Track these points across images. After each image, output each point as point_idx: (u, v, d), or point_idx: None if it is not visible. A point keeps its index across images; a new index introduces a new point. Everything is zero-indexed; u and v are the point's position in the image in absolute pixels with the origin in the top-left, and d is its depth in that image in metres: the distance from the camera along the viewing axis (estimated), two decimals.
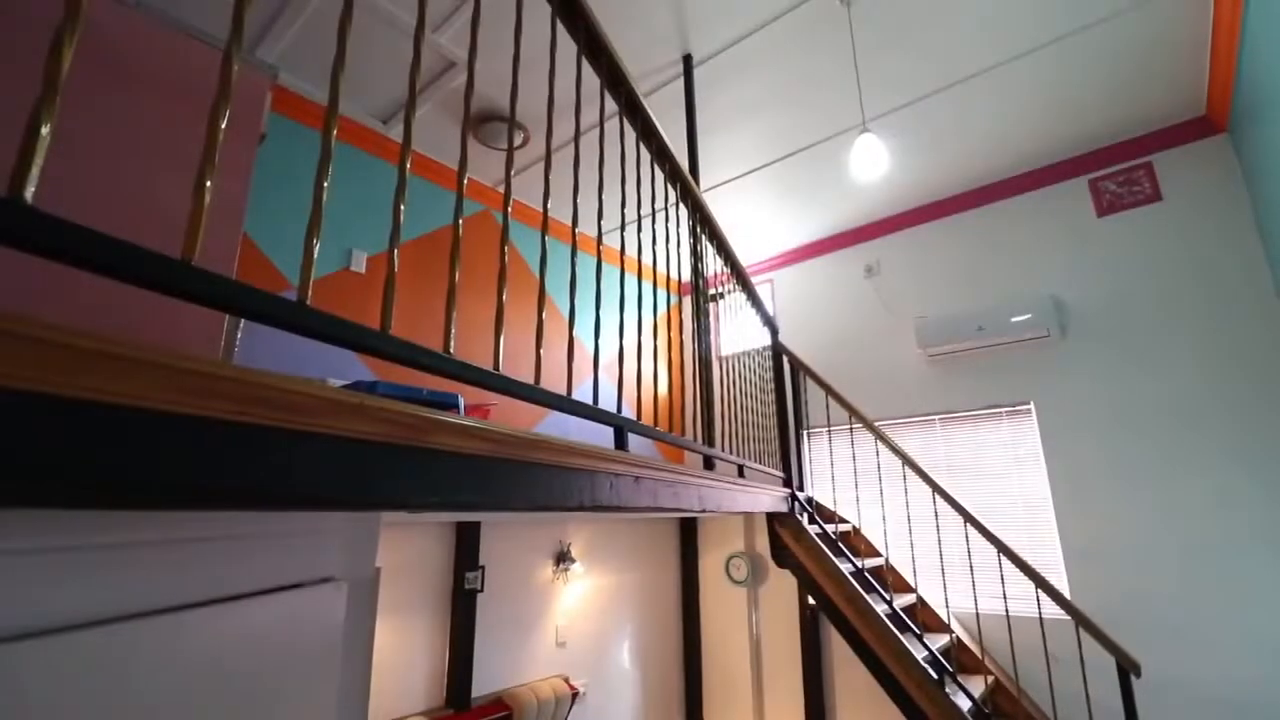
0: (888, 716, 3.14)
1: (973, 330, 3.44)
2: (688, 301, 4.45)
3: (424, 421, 0.78)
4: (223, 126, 0.65)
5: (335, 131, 0.77)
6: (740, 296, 3.09)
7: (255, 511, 0.82)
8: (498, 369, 1.01)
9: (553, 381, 1.16)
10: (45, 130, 0.51)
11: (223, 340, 1.17)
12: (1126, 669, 2.28)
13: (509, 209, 1.14)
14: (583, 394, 1.32)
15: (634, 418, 1.54)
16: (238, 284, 0.61)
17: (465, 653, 2.97)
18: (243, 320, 1.30)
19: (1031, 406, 3.33)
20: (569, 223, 3.43)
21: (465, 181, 1.00)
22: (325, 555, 1.02)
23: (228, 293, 0.61)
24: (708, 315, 2.47)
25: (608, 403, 1.50)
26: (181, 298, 0.58)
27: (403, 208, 0.85)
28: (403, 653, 2.79)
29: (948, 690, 2.50)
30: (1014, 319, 3.34)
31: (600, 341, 1.54)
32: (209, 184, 0.62)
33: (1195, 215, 3.05)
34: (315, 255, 0.71)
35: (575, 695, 3.30)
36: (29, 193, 0.49)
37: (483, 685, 3.04)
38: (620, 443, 1.48)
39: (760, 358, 3.38)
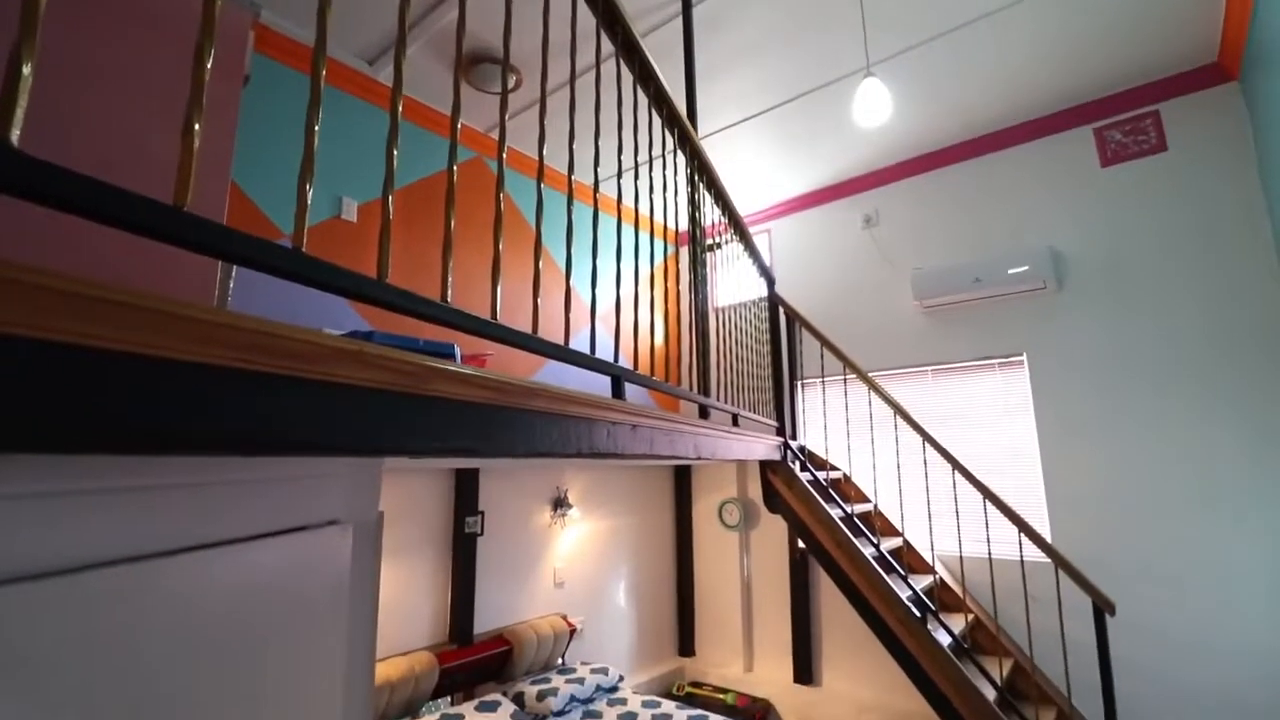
0: (872, 653, 3.30)
1: (969, 282, 3.43)
2: (685, 252, 4.41)
3: (423, 369, 0.79)
4: (208, 66, 0.63)
5: (324, 70, 0.75)
6: (738, 247, 3.07)
7: (257, 457, 0.84)
8: (495, 318, 1.02)
9: (549, 332, 1.16)
10: (26, 70, 0.49)
11: (216, 291, 1.16)
12: (1102, 608, 2.38)
13: (504, 155, 1.12)
14: (580, 344, 1.33)
15: (631, 368, 1.56)
16: (231, 230, 0.61)
17: (467, 592, 3.07)
18: (235, 271, 1.29)
19: (1024, 358, 3.36)
20: (564, 171, 3.36)
21: (459, 126, 0.98)
22: (329, 499, 1.05)
23: (222, 239, 0.60)
24: (705, 265, 2.45)
25: (605, 353, 1.51)
26: (175, 244, 0.58)
27: (395, 152, 0.83)
28: (407, 592, 2.89)
29: (929, 627, 2.62)
30: (1011, 271, 3.33)
31: (597, 292, 1.54)
32: (197, 127, 0.61)
33: (1199, 166, 3.00)
34: (309, 200, 0.70)
35: (573, 631, 3.44)
36: (14, 135, 0.48)
37: (484, 623, 3.16)
38: (617, 392, 1.50)
39: (756, 308, 3.38)
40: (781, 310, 3.50)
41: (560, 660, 3.41)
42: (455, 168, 0.97)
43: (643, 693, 3.45)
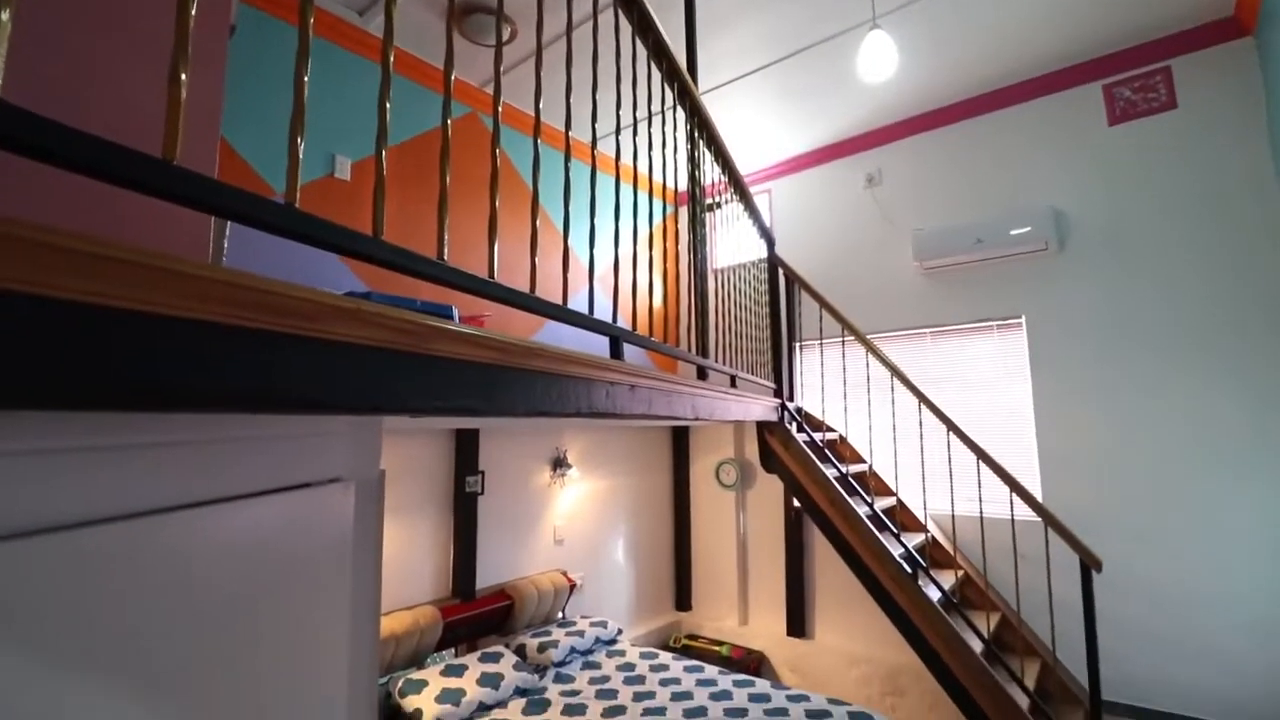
0: (863, 607, 3.39)
1: (971, 243, 3.40)
2: (684, 213, 4.36)
3: (422, 328, 0.78)
4: (192, 13, 0.61)
5: (312, 18, 0.73)
6: (737, 207, 3.03)
7: (258, 414, 0.84)
8: (493, 277, 1.01)
9: (547, 292, 1.15)
10: (5, 16, 0.48)
11: (210, 251, 1.15)
12: (1089, 565, 2.44)
13: (499, 110, 1.09)
14: (578, 306, 1.32)
15: (629, 329, 1.56)
16: (222, 184, 0.60)
17: (468, 549, 3.14)
18: (228, 230, 1.27)
19: (1022, 320, 3.36)
20: (561, 128, 3.28)
21: (452, 78, 0.95)
22: (331, 457, 1.06)
23: (213, 193, 0.59)
24: (704, 225, 2.43)
25: (603, 315, 1.50)
26: (165, 198, 0.57)
27: (388, 105, 0.81)
28: (410, 550, 2.95)
29: (920, 583, 2.69)
30: (1013, 232, 3.30)
31: (595, 252, 1.53)
32: (184, 76, 0.59)
33: (1209, 126, 2.95)
34: (301, 155, 0.68)
35: (573, 587, 3.52)
36: None
37: (486, 578, 3.24)
38: (616, 352, 1.50)
39: (756, 269, 3.35)
40: (781, 272, 3.48)
41: (560, 614, 3.51)
42: (449, 123, 0.95)
43: (641, 645, 3.56)
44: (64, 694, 0.64)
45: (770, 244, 3.44)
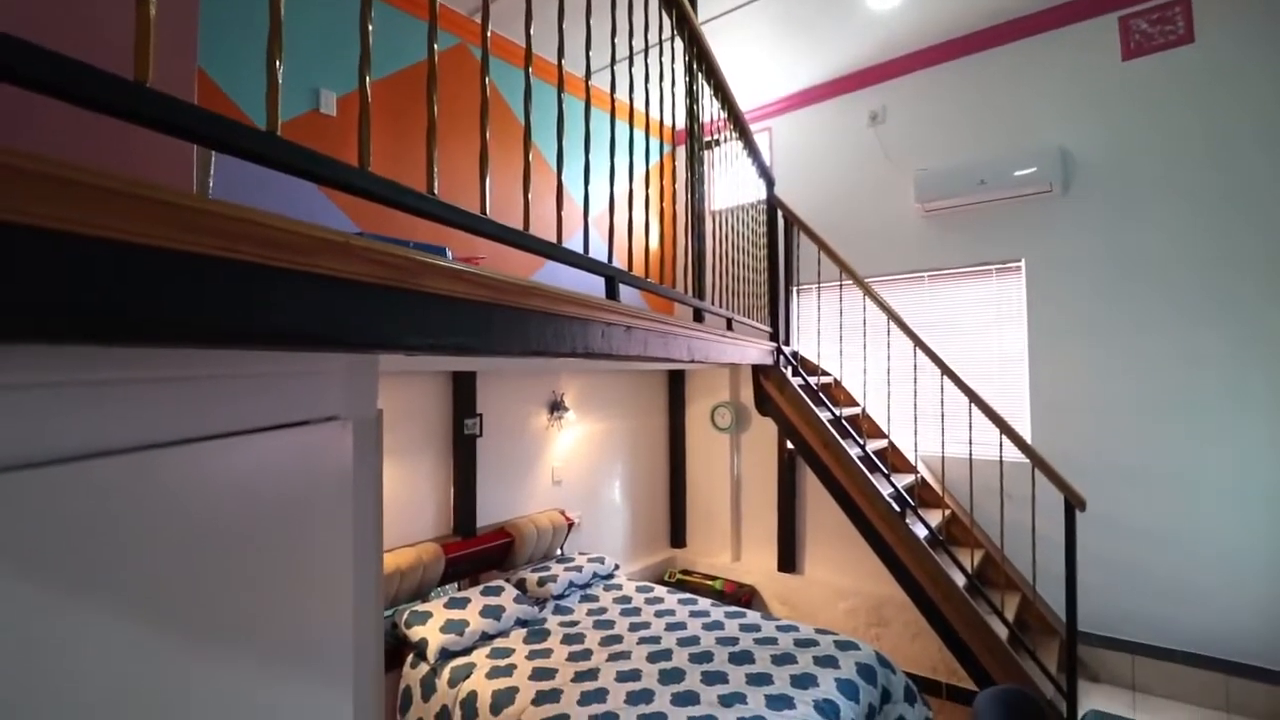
0: (852, 545, 3.49)
1: (974, 184, 3.33)
2: (681, 152, 4.24)
3: (412, 263, 0.77)
4: None
5: None
6: (736, 145, 2.95)
7: (248, 350, 0.83)
8: (484, 213, 0.99)
9: (541, 234, 1.13)
10: None
11: (194, 187, 1.12)
12: (1073, 504, 2.51)
13: (487, 38, 1.04)
14: (573, 248, 1.30)
15: (625, 270, 1.54)
16: (200, 109, 0.57)
17: (468, 489, 3.21)
18: (214, 168, 1.23)
19: (1022, 264, 3.33)
20: (553, 59, 3.14)
21: (438, 2, 0.91)
22: (328, 395, 1.06)
23: (189, 117, 0.57)
24: (702, 164, 2.37)
25: (598, 257, 1.48)
26: (139, 122, 0.55)
27: (370, 26, 0.77)
28: (412, 489, 3.01)
29: (907, 521, 2.77)
30: (1017, 173, 3.23)
31: (590, 190, 1.49)
32: None
33: (1224, 62, 2.84)
34: (280, 77, 0.66)
35: (571, 525, 3.62)
36: None
37: (486, 517, 3.32)
38: (612, 293, 1.49)
39: (754, 211, 3.30)
40: (780, 214, 3.42)
41: (559, 551, 3.62)
42: (436, 50, 0.91)
43: (637, 580, 3.69)
44: (70, 621, 0.66)
45: (770, 184, 3.37)
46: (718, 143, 2.81)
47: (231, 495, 0.86)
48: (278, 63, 0.67)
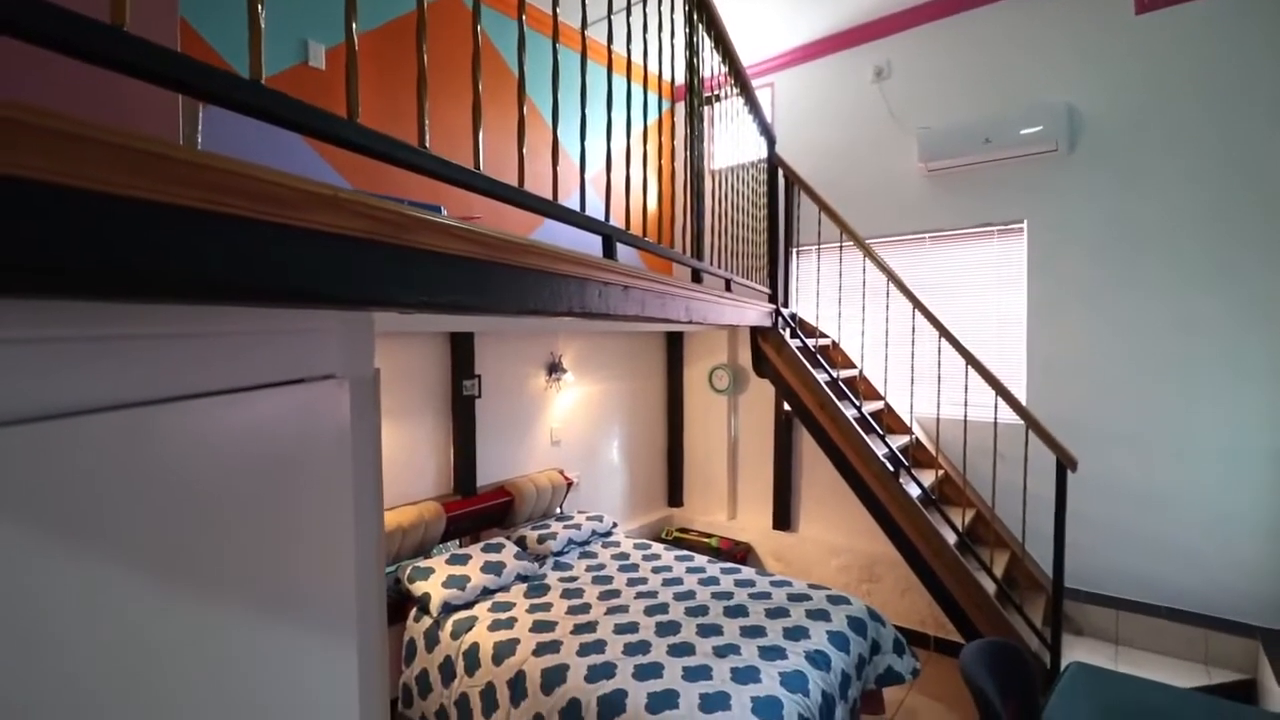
0: (846, 504, 3.55)
1: (979, 143, 3.27)
2: (681, 109, 4.14)
3: (404, 218, 0.76)
4: None
5: None
6: (738, 102, 2.88)
7: (236, 306, 0.82)
8: (478, 169, 0.97)
9: (536, 193, 1.11)
10: None
11: (180, 141, 1.10)
12: (1064, 464, 2.54)
13: None
14: (569, 207, 1.28)
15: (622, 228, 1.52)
16: (179, 54, 0.56)
17: (468, 449, 3.24)
18: (201, 122, 1.20)
19: (1024, 225, 3.29)
20: (547, 9, 3.03)
21: None
22: (324, 353, 1.06)
23: (169, 64, 0.55)
24: (702, 120, 2.31)
25: (595, 216, 1.46)
26: (116, 68, 0.53)
27: None
28: (412, 449, 3.04)
29: (901, 481, 2.81)
30: (1023, 131, 3.16)
31: (586, 145, 1.46)
32: None
33: (1242, 17, 2.75)
34: (263, 21, 0.63)
35: (570, 485, 3.67)
36: None
37: (486, 476, 3.36)
38: (609, 252, 1.48)
39: (755, 170, 3.24)
40: (781, 173, 3.36)
41: (558, 510, 3.68)
42: (426, 5, 0.88)
43: (635, 537, 3.76)
44: (66, 576, 0.67)
45: (771, 142, 3.30)
46: (718, 98, 2.75)
47: (229, 452, 0.87)
48: (260, 7, 0.64)
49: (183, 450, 0.80)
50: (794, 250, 3.59)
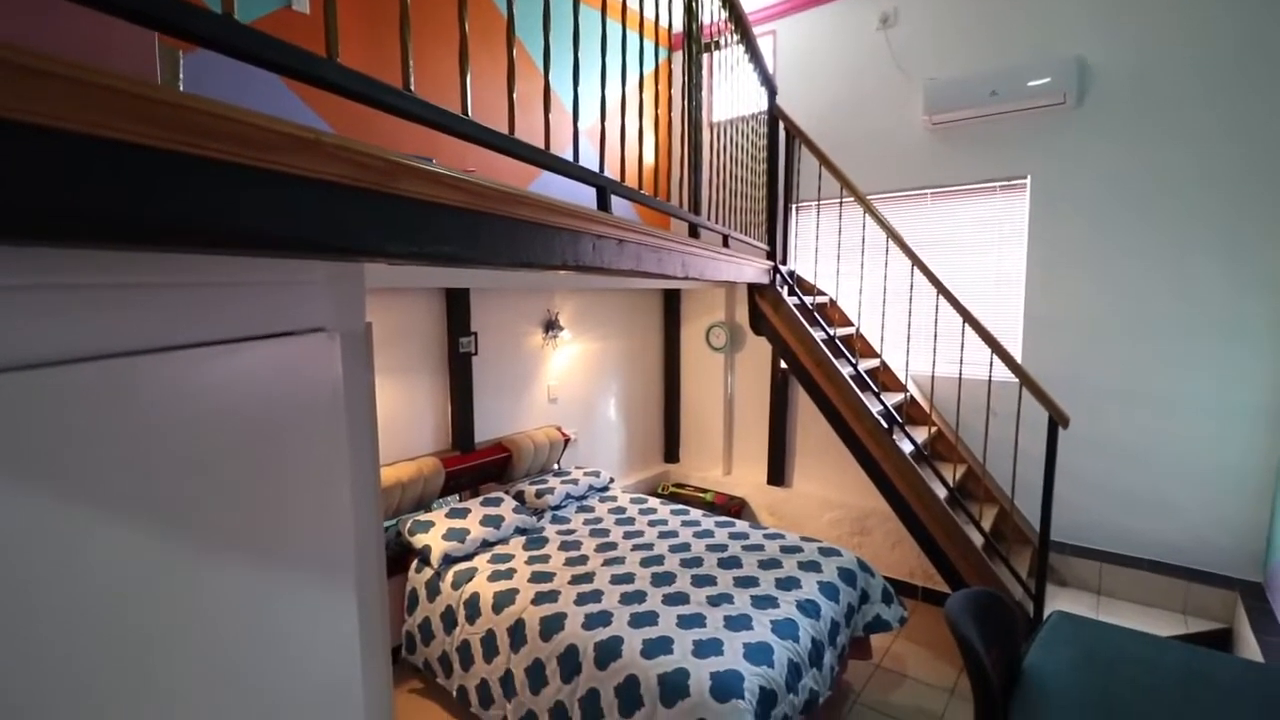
0: (839, 460, 3.60)
1: (985, 95, 3.18)
2: (679, 58, 4.01)
3: (390, 165, 0.74)
4: None
5: None
6: (738, 50, 2.78)
7: (213, 254, 0.81)
8: (466, 114, 0.94)
9: (529, 140, 1.08)
10: None
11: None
12: (1057, 421, 2.56)
13: None
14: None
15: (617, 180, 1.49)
16: None
17: (465, 406, 3.25)
18: (181, 70, 1.16)
19: (1028, 181, 3.24)
20: None
21: None
22: (312, 306, 1.05)
23: (147, 1, 0.52)
24: (701, 69, 2.24)
25: (589, 168, 1.43)
26: (94, 5, 0.51)
27: None
28: (409, 406, 3.06)
29: (894, 437, 2.84)
30: (1031, 83, 3.08)
31: (580, 93, 1.42)
32: None
33: None
34: None
35: (567, 441, 3.71)
36: None
37: (484, 433, 3.39)
38: (603, 204, 1.45)
39: (754, 123, 3.16)
40: (781, 126, 3.28)
41: (556, 466, 3.73)
42: None
43: (631, 492, 3.82)
44: (52, 520, 0.67)
45: (772, 94, 3.21)
46: (718, 46, 2.66)
47: (216, 403, 0.87)
48: None
49: (167, 403, 0.79)
50: (793, 206, 3.53)
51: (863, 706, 2.64)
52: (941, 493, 2.80)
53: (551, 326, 3.76)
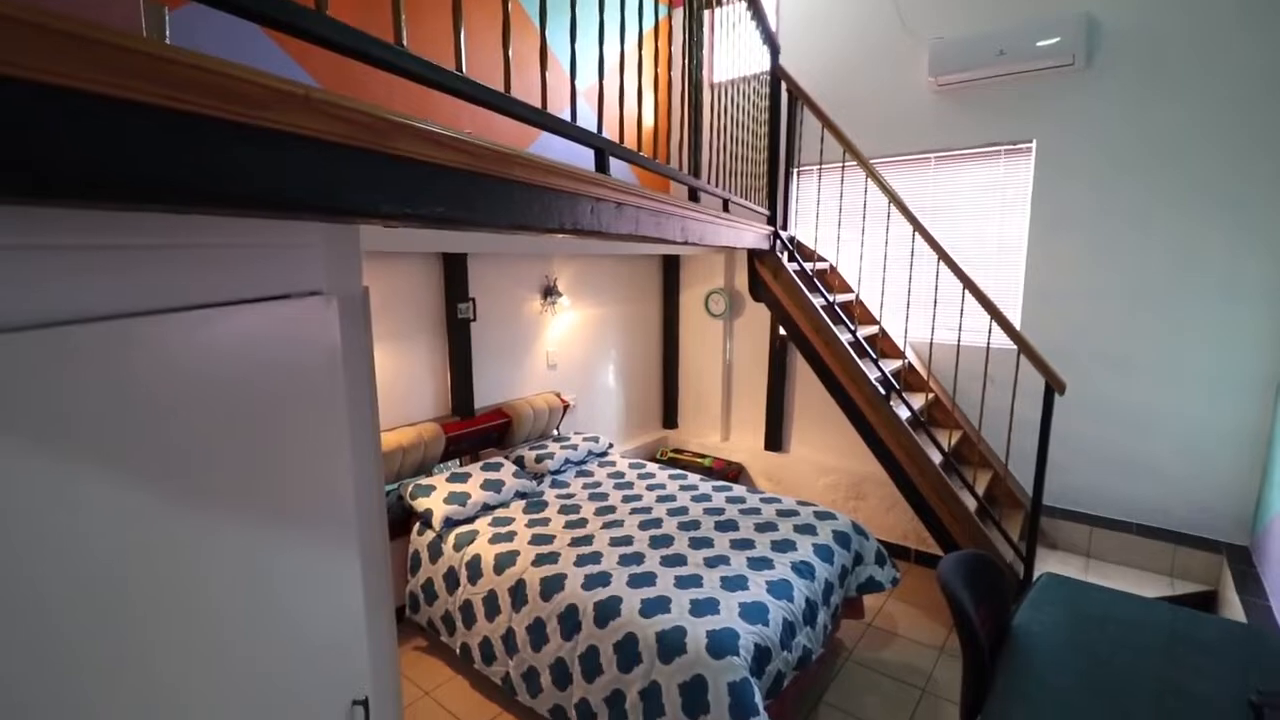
0: (836, 426, 3.62)
1: (993, 55, 3.10)
2: (680, 15, 3.89)
3: (382, 122, 0.73)
4: None
5: None
6: (740, 7, 2.71)
7: (200, 214, 0.80)
8: (460, 71, 0.92)
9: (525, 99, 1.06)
10: None
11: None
12: (1053, 387, 2.57)
13: None
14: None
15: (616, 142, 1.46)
16: None
17: (465, 372, 3.26)
18: (168, 28, 1.12)
19: (1033, 145, 3.18)
20: None
21: None
22: (309, 270, 1.04)
23: None
24: (702, 26, 2.18)
25: (587, 129, 1.40)
26: None
27: None
28: (409, 372, 3.06)
29: (891, 403, 2.86)
30: (1039, 43, 3.00)
31: (577, 49, 1.38)
32: None
33: None
34: None
35: (566, 407, 3.73)
36: None
37: (483, 399, 3.41)
38: (601, 166, 1.43)
39: (756, 84, 3.09)
40: (784, 87, 3.21)
41: (555, 431, 3.75)
42: None
43: (630, 457, 3.86)
44: (54, 478, 0.68)
45: (774, 53, 3.13)
46: (720, 2, 2.58)
47: (216, 365, 0.87)
48: None
49: (166, 363, 0.79)
50: (795, 170, 3.48)
51: (854, 663, 2.72)
52: (937, 458, 2.83)
53: (550, 292, 3.74)
